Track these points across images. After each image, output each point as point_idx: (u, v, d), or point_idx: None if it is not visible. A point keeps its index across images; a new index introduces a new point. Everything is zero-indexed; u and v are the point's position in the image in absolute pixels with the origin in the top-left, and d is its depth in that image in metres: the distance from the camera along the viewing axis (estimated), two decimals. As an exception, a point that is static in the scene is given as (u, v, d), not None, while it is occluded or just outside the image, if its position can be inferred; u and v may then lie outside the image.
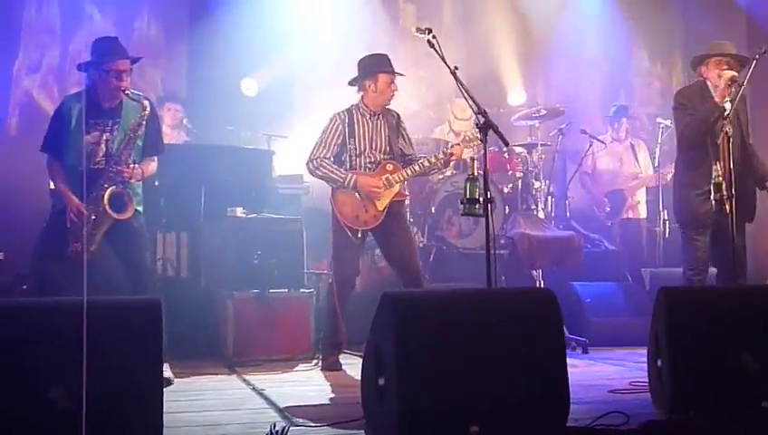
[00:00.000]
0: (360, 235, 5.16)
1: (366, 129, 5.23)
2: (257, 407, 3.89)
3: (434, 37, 4.23)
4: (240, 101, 7.59)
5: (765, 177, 5.04)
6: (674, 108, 5.19)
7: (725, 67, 4.92)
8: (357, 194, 5.13)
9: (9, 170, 6.87)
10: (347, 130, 5.20)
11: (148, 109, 4.60)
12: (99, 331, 2.63)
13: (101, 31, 6.84)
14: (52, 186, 5.84)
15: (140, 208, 4.69)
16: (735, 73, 4.83)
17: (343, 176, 5.13)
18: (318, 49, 8.20)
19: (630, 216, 7.84)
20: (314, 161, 5.18)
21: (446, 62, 4.19)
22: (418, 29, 4.31)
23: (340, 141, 5.21)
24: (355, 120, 5.23)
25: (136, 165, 4.60)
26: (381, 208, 5.14)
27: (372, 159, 5.22)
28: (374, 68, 5.22)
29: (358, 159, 5.21)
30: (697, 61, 5.15)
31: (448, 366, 2.98)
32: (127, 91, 4.54)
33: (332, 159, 5.20)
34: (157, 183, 5.63)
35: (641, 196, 7.91)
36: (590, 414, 3.37)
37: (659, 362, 3.58)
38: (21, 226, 6.35)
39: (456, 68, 4.22)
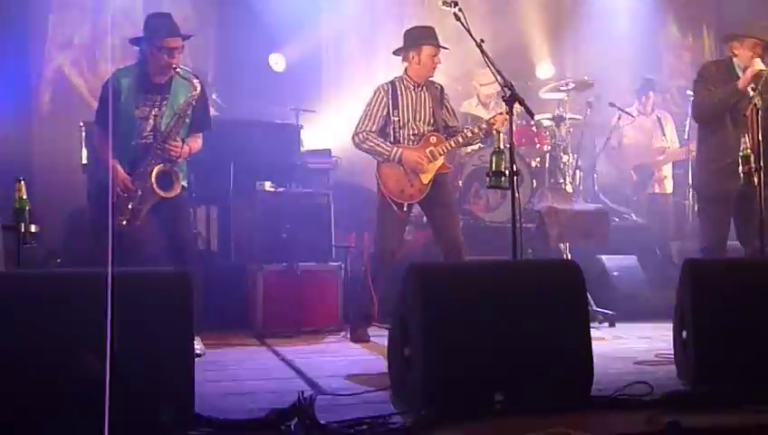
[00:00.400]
0: (405, 208, 5.20)
1: (410, 100, 5.25)
2: (287, 377, 3.97)
3: (460, 10, 4.24)
4: (269, 76, 7.63)
5: None
6: (695, 80, 5.19)
7: (759, 52, 4.87)
8: (402, 167, 5.16)
9: (42, 146, 6.99)
10: (390, 101, 5.22)
11: (199, 88, 4.63)
12: (129, 302, 2.70)
13: (128, 7, 6.91)
14: (84, 161, 5.94)
15: (185, 184, 4.75)
16: (766, 69, 4.76)
17: (389, 149, 5.15)
18: (346, 24, 8.24)
19: (657, 190, 7.80)
20: (360, 135, 5.20)
21: (471, 35, 4.20)
22: (445, 2, 4.32)
23: (384, 113, 5.23)
24: (399, 92, 5.24)
25: (184, 142, 4.65)
26: (426, 182, 5.17)
27: (416, 131, 5.23)
28: (418, 40, 5.24)
29: (402, 131, 5.22)
30: (731, 37, 5.09)
31: (473, 336, 3.02)
32: (177, 69, 4.57)
33: (377, 131, 5.22)
34: (188, 158, 5.71)
35: (668, 170, 7.87)
36: (615, 385, 3.38)
37: (684, 334, 3.58)
38: (54, 200, 6.48)
39: (483, 41, 4.23)
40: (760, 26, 5.10)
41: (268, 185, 5.92)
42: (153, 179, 4.48)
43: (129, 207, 4.46)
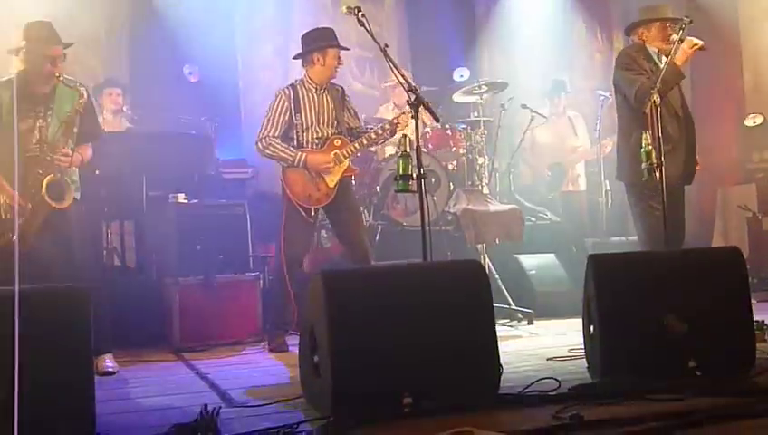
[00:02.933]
0: (312, 213, 5.17)
1: (312, 103, 5.23)
2: (198, 390, 3.90)
3: (363, 16, 4.24)
4: (183, 86, 7.52)
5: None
6: (619, 69, 5.07)
7: (670, 31, 4.87)
8: (307, 172, 5.13)
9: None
10: (293, 105, 5.19)
11: (85, 96, 4.52)
12: (27, 320, 2.62)
13: (34, 15, 6.70)
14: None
15: (77, 196, 4.63)
16: (701, 42, 4.76)
17: (293, 154, 5.12)
18: (260, 32, 8.19)
19: (571, 188, 7.95)
20: (263, 141, 5.17)
21: (375, 40, 4.22)
22: (348, 8, 4.31)
23: (287, 118, 5.19)
24: (300, 95, 5.22)
25: (73, 151, 4.52)
26: (332, 185, 5.16)
27: (320, 134, 5.21)
28: (323, 42, 5.22)
29: (305, 134, 5.19)
30: (637, 24, 5.09)
31: (380, 339, 3.03)
32: (61, 78, 4.47)
33: (280, 136, 5.19)
34: (97, 172, 5.59)
35: (581, 169, 8.03)
36: (526, 382, 3.43)
37: (592, 328, 3.66)
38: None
39: (387, 46, 4.25)
40: (663, 9, 5.10)
41: (181, 197, 5.82)
42: (44, 190, 4.33)
43: (20, 222, 4.26)
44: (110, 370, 4.44)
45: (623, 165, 5.05)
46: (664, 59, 4.85)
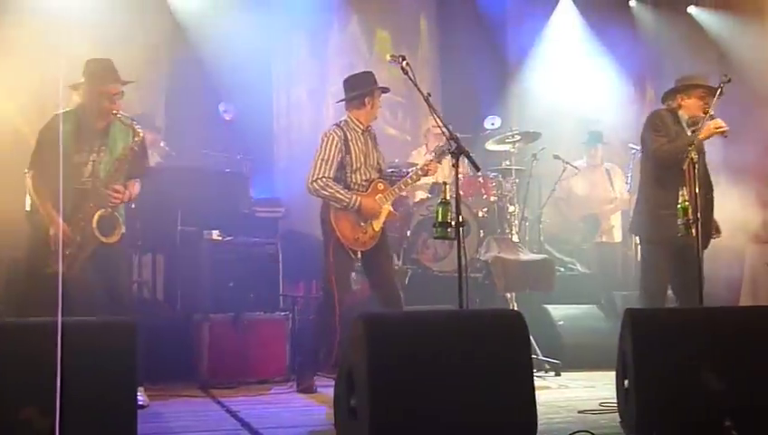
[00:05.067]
0: (358, 255, 5.21)
1: (360, 145, 5.25)
2: (231, 428, 3.92)
3: (407, 64, 4.32)
4: (218, 124, 7.62)
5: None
6: (648, 128, 5.18)
7: (707, 100, 4.98)
8: (356, 214, 5.13)
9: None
10: (344, 146, 5.18)
11: (141, 135, 4.62)
12: (74, 351, 2.66)
13: (78, 52, 6.86)
14: (28, 207, 5.84)
15: (123, 230, 4.70)
16: (726, 128, 4.91)
17: (348, 197, 5.10)
18: (296, 73, 8.32)
19: (605, 239, 7.92)
20: (319, 181, 5.10)
21: (419, 88, 4.30)
22: (393, 56, 4.40)
23: (339, 159, 5.16)
24: (349, 137, 5.22)
25: (125, 188, 4.62)
26: (378, 229, 5.18)
27: (367, 177, 5.23)
28: (372, 85, 5.28)
29: (354, 176, 5.19)
30: (678, 90, 5.21)
31: (418, 386, 3.04)
32: (118, 114, 4.57)
33: (334, 177, 5.19)
34: (134, 205, 5.67)
35: (616, 220, 8.01)
36: (559, 434, 3.42)
37: (626, 383, 3.64)
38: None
39: (429, 94, 4.33)
40: (701, 79, 5.24)
41: (215, 234, 5.88)
42: (95, 223, 4.42)
43: (66, 253, 4.35)
44: (141, 403, 4.45)
45: (638, 219, 5.21)
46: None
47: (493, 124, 8.02)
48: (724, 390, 3.43)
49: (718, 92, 4.84)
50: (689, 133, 5.01)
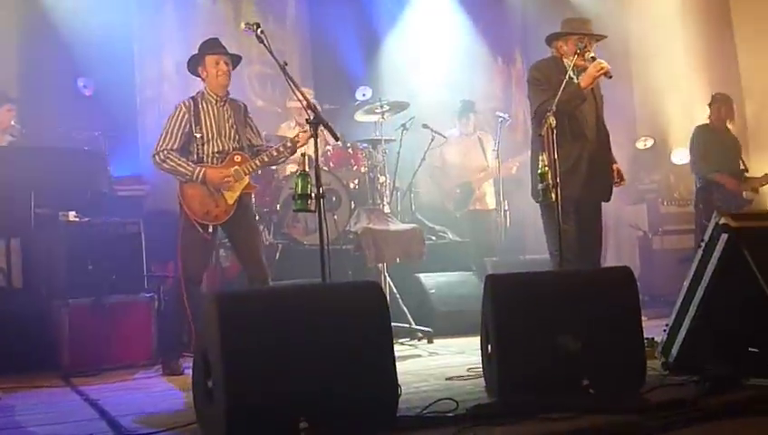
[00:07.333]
0: (210, 230, 5.04)
1: (212, 116, 5.10)
2: (87, 418, 3.72)
3: (262, 32, 4.20)
4: (77, 100, 7.26)
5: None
6: (529, 81, 5.09)
7: (588, 49, 4.85)
8: (205, 187, 5.00)
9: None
10: (193, 118, 5.05)
11: None
12: None
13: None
14: None
15: None
16: (608, 67, 4.77)
17: (191, 169, 4.97)
18: (160, 46, 8.00)
19: (478, 207, 8.03)
20: (160, 154, 5.00)
21: (275, 57, 4.18)
22: (247, 24, 4.28)
23: (186, 130, 5.04)
24: (200, 108, 5.09)
25: None
26: (232, 202, 5.03)
27: (220, 148, 5.08)
28: (200, 51, 5.15)
29: (204, 147, 5.05)
30: (555, 36, 5.09)
31: (275, 362, 2.95)
32: None
33: (179, 150, 5.04)
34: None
35: (489, 187, 8.12)
36: (425, 402, 3.42)
37: (489, 348, 3.68)
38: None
39: (286, 63, 4.21)
40: (583, 24, 5.15)
41: (72, 215, 5.58)
42: None
43: None
44: (-10, 397, 4.22)
45: (533, 183, 4.99)
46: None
47: (364, 95, 7.99)
48: (581, 350, 3.52)
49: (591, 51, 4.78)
50: (576, 80, 4.85)
